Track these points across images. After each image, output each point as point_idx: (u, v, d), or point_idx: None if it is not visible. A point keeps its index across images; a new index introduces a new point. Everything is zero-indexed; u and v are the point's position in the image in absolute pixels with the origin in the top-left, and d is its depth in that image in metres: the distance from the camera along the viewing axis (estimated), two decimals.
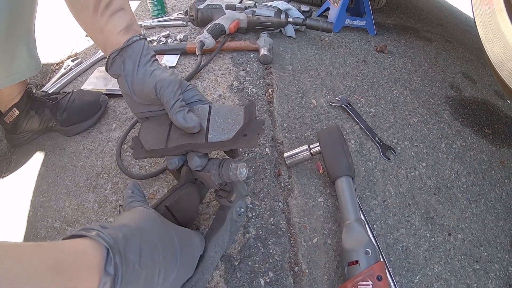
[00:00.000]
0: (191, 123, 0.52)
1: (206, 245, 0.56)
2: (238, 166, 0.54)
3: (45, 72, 1.23)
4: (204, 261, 0.55)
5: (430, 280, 0.66)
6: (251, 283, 0.58)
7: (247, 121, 0.53)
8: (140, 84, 0.55)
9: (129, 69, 0.56)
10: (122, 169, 0.76)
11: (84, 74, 1.14)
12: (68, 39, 1.40)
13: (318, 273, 0.62)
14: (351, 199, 0.63)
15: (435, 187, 0.79)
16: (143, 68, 0.56)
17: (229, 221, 0.60)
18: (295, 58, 1.02)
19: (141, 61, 0.57)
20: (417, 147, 0.85)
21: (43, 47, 0.91)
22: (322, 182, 0.72)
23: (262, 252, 0.62)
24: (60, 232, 0.70)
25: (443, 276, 0.67)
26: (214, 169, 0.55)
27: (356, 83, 0.96)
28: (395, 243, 0.68)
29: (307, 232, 0.65)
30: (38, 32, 0.88)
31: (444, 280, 0.67)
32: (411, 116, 0.91)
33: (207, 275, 0.56)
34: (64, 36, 1.42)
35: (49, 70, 1.25)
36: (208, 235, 0.58)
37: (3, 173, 0.91)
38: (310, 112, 0.86)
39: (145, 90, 0.55)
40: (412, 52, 1.13)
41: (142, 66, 0.56)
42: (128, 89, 0.57)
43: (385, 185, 0.75)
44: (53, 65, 1.26)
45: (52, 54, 1.29)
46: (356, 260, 0.57)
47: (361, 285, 0.55)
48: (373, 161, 0.78)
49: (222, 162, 0.55)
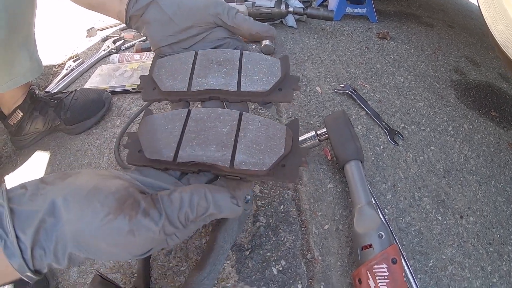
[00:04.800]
0: (265, 26, 0.44)
1: (216, 236, 0.54)
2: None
3: (47, 74, 1.22)
4: (215, 251, 0.53)
5: (444, 263, 0.64)
6: (263, 272, 0.56)
7: (283, 74, 0.44)
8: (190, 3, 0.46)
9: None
10: (118, 161, 0.75)
11: (86, 73, 1.13)
12: (69, 40, 1.38)
13: (331, 260, 0.60)
14: (361, 182, 0.61)
15: (444, 170, 0.77)
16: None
17: None
18: (297, 48, 1.00)
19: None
20: (424, 131, 0.82)
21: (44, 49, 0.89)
22: (330, 168, 0.70)
23: (274, 240, 0.60)
24: None
25: (457, 259, 0.65)
26: None
27: (360, 70, 0.94)
28: (407, 227, 0.66)
29: (318, 219, 0.63)
30: (39, 34, 0.86)
31: (458, 263, 0.65)
32: (416, 100, 0.89)
33: (219, 266, 0.54)
34: (65, 38, 1.40)
35: (51, 72, 1.23)
36: (217, 225, 0.56)
37: (8, 174, 0.89)
38: (315, 99, 0.84)
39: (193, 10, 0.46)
40: (414, 37, 1.10)
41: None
42: (166, 14, 0.46)
43: (394, 170, 0.73)
44: (55, 67, 1.25)
45: (54, 56, 1.28)
46: (369, 244, 0.55)
47: (376, 269, 0.53)
48: (381, 146, 0.76)
49: None
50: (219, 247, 0.54)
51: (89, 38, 1.36)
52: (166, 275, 0.58)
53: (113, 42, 1.20)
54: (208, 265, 0.52)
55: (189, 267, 0.59)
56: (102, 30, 1.37)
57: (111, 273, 0.61)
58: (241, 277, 0.56)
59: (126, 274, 0.60)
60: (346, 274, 0.58)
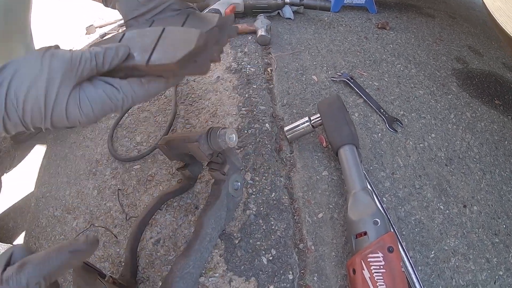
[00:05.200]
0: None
1: (202, 221, 0.51)
2: (226, 131, 0.49)
3: None
4: (201, 238, 0.50)
5: (446, 255, 0.60)
6: (252, 262, 0.53)
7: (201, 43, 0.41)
8: None
9: None
10: (111, 151, 0.74)
11: None
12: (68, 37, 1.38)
13: (325, 250, 0.56)
14: (356, 167, 0.57)
15: (446, 158, 0.72)
16: None
17: (225, 195, 0.55)
18: (294, 38, 0.97)
19: None
20: (425, 118, 0.78)
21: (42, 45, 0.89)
22: (326, 155, 0.67)
23: (264, 229, 0.57)
24: (60, 220, 0.67)
25: (460, 250, 0.61)
26: (203, 138, 0.50)
27: (358, 59, 0.90)
28: (407, 216, 0.62)
29: (312, 207, 0.60)
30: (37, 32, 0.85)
31: (462, 254, 0.61)
32: (416, 88, 0.85)
33: (205, 254, 0.51)
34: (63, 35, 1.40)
35: None
36: (204, 210, 0.53)
37: (6, 169, 0.88)
38: (311, 87, 0.80)
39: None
40: (415, 27, 1.06)
41: None
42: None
43: (393, 157, 0.69)
44: None
45: None
46: (364, 232, 0.51)
47: (371, 258, 0.49)
48: (379, 133, 0.72)
49: (210, 131, 0.50)
50: (205, 234, 0.51)
51: (88, 35, 1.36)
52: (153, 264, 0.56)
53: None
54: (193, 253, 0.49)
55: (177, 256, 0.56)
56: (101, 27, 1.36)
57: (100, 262, 0.59)
58: (229, 267, 0.53)
59: (114, 263, 0.58)
60: (341, 264, 0.55)
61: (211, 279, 0.52)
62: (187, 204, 0.62)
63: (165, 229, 0.60)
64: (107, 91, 0.38)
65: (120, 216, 0.63)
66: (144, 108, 0.84)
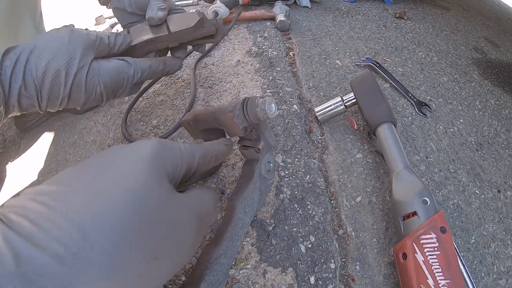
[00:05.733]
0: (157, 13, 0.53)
1: (234, 205, 0.45)
2: (266, 100, 0.42)
3: None
4: (233, 224, 0.44)
5: (486, 240, 0.56)
6: (289, 250, 0.48)
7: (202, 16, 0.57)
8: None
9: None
10: (125, 135, 0.69)
11: None
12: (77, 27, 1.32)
13: (366, 236, 0.51)
14: (397, 146, 0.53)
15: (476, 143, 0.69)
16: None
17: (258, 177, 0.49)
18: (313, 25, 0.93)
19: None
20: (452, 104, 0.75)
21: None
22: (358, 138, 0.63)
23: (300, 214, 0.52)
24: None
25: (498, 236, 0.57)
26: (238, 109, 0.44)
27: (380, 46, 0.87)
28: (445, 201, 0.58)
29: (349, 191, 0.56)
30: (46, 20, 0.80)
31: (501, 240, 0.57)
32: (440, 75, 0.82)
33: (237, 242, 0.45)
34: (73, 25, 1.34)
35: None
36: (235, 194, 0.47)
37: (11, 157, 0.82)
38: (336, 71, 0.76)
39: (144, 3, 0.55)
40: (431, 18, 1.04)
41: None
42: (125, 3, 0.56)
43: (425, 141, 0.65)
44: None
45: None
46: (413, 212, 0.47)
47: (424, 240, 0.45)
48: (408, 117, 0.69)
49: (246, 100, 0.44)
50: (238, 219, 0.45)
51: (97, 25, 1.30)
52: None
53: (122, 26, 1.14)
54: (225, 240, 0.42)
55: (201, 247, 0.50)
56: (111, 18, 1.31)
57: None
58: (263, 257, 0.48)
59: None
60: (383, 252, 0.50)
61: (242, 271, 0.47)
62: (213, 189, 0.57)
63: None
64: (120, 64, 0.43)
65: None
66: (160, 92, 0.79)
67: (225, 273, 0.43)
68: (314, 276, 0.46)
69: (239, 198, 0.47)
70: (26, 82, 0.35)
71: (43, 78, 0.35)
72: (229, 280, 0.47)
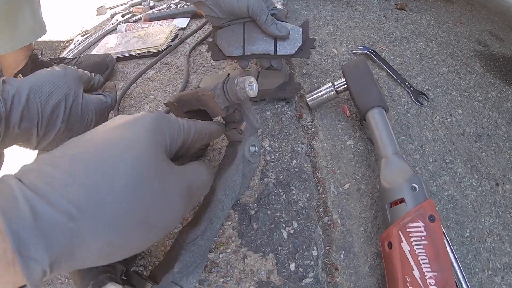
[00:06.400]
0: (284, 32, 0.57)
1: (214, 186, 0.43)
2: (246, 79, 0.40)
3: (55, 49, 1.15)
4: (213, 205, 0.41)
5: (482, 234, 0.53)
6: (271, 235, 0.46)
7: (304, 38, 0.59)
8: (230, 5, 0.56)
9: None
10: None
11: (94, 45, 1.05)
12: (79, 17, 1.32)
13: (352, 224, 0.48)
14: (387, 131, 0.50)
15: (475, 134, 0.65)
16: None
17: (241, 159, 0.46)
18: (311, 14, 0.90)
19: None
20: (451, 94, 0.71)
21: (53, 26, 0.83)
22: (350, 125, 0.60)
23: (284, 199, 0.49)
24: None
25: (495, 231, 0.54)
26: (218, 88, 0.42)
27: (378, 35, 0.83)
28: (439, 191, 0.55)
29: (337, 177, 0.53)
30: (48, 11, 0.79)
31: (497, 234, 0.53)
32: (440, 66, 0.78)
33: (217, 224, 0.42)
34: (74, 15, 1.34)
35: (59, 47, 1.16)
36: (217, 174, 0.44)
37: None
38: (331, 59, 0.73)
39: (235, 11, 0.56)
40: (434, 10, 1.00)
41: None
42: (214, 13, 0.57)
43: (420, 130, 0.62)
44: (63, 42, 1.18)
45: (62, 32, 1.21)
46: (400, 199, 0.43)
47: (411, 228, 0.41)
48: (404, 105, 0.65)
49: (227, 79, 0.42)
50: (217, 200, 0.42)
51: (98, 16, 1.29)
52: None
53: (121, 16, 1.13)
54: (203, 221, 0.40)
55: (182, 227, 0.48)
56: (112, 8, 1.30)
57: None
58: (244, 242, 0.45)
59: None
60: (370, 241, 0.47)
61: (222, 255, 0.45)
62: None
63: None
64: (99, 96, 0.47)
65: None
66: (154, 78, 0.77)
67: (203, 255, 0.41)
68: (295, 263, 0.43)
69: (220, 179, 0.44)
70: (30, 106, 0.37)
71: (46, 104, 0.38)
72: (208, 263, 0.44)
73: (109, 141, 0.25)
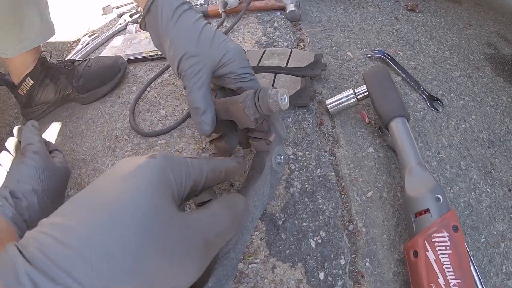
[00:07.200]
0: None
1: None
2: (278, 91, 0.39)
3: (62, 50, 1.12)
4: (243, 218, 0.41)
5: (495, 240, 0.54)
6: (299, 245, 0.46)
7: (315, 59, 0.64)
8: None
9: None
10: (132, 126, 0.66)
11: (102, 46, 1.03)
12: (85, 17, 1.29)
13: (376, 232, 0.49)
14: (410, 141, 0.50)
15: (488, 140, 0.66)
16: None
17: (269, 169, 0.46)
18: (323, 16, 0.89)
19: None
20: (464, 99, 0.72)
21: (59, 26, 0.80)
22: (369, 131, 0.60)
23: (311, 208, 0.50)
24: None
25: (508, 236, 0.55)
26: (249, 99, 0.41)
27: (391, 38, 0.83)
28: (456, 198, 0.56)
29: (360, 185, 0.53)
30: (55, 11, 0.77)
31: (510, 240, 0.55)
32: (452, 70, 0.78)
33: (247, 236, 0.42)
34: (80, 15, 1.31)
35: (66, 48, 1.13)
36: (245, 187, 0.44)
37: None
38: (347, 63, 0.73)
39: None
40: (443, 11, 1.00)
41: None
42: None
43: (437, 137, 0.62)
44: (69, 43, 1.15)
45: (69, 33, 1.18)
46: (425, 209, 0.44)
47: (436, 238, 0.42)
48: (420, 111, 0.66)
49: (258, 91, 0.41)
50: (247, 213, 0.42)
51: (105, 15, 1.26)
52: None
53: (129, 15, 1.11)
54: (234, 235, 0.41)
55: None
56: (118, 7, 1.27)
57: None
58: (272, 252, 0.46)
59: None
60: (393, 249, 0.48)
61: (251, 266, 0.45)
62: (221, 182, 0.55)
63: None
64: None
65: None
66: (169, 82, 0.76)
67: (234, 267, 0.41)
68: (324, 272, 0.44)
69: (249, 191, 0.44)
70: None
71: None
72: (237, 274, 0.45)
73: (108, 201, 0.23)
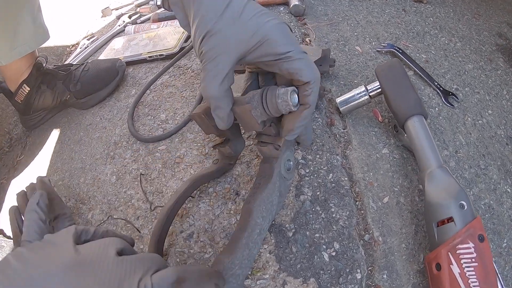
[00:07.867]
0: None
1: (251, 209, 0.39)
2: (288, 90, 0.35)
3: (61, 54, 1.08)
4: (250, 230, 0.38)
5: None
6: (311, 259, 0.42)
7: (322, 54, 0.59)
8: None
9: None
10: (131, 131, 0.63)
11: (101, 49, 0.99)
12: (83, 20, 1.25)
13: (394, 241, 0.46)
14: (429, 142, 0.46)
15: (506, 136, 0.62)
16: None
17: (277, 176, 0.42)
18: (329, 9, 0.85)
19: None
20: (479, 93, 0.68)
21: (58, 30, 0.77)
22: (383, 131, 0.56)
23: (323, 218, 0.46)
24: (73, 211, 0.56)
25: None
26: (256, 100, 0.37)
27: (400, 31, 0.79)
28: (476, 200, 0.52)
29: (375, 190, 0.49)
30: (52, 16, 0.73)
31: None
32: (465, 62, 0.74)
33: (254, 250, 0.39)
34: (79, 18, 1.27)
35: (65, 52, 1.09)
36: (252, 196, 0.40)
37: (17, 157, 0.77)
38: (356, 58, 0.69)
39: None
40: (451, 2, 0.95)
41: None
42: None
43: (454, 134, 0.59)
44: (68, 47, 1.11)
45: (68, 36, 1.14)
46: (448, 218, 0.40)
47: (461, 249, 0.39)
48: (435, 107, 0.62)
49: (265, 90, 0.37)
50: (255, 224, 0.39)
51: (104, 17, 1.22)
52: (186, 264, 0.44)
53: (128, 16, 1.06)
54: (241, 248, 0.37)
55: (215, 254, 0.44)
56: (117, 9, 1.22)
57: None
58: (282, 266, 0.42)
59: None
60: (412, 259, 0.44)
61: (260, 282, 0.41)
62: (226, 190, 0.51)
63: (199, 220, 0.48)
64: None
65: (143, 206, 0.52)
66: (169, 83, 0.72)
67: (240, 284, 0.38)
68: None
69: (257, 200, 0.40)
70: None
71: None
72: None
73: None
